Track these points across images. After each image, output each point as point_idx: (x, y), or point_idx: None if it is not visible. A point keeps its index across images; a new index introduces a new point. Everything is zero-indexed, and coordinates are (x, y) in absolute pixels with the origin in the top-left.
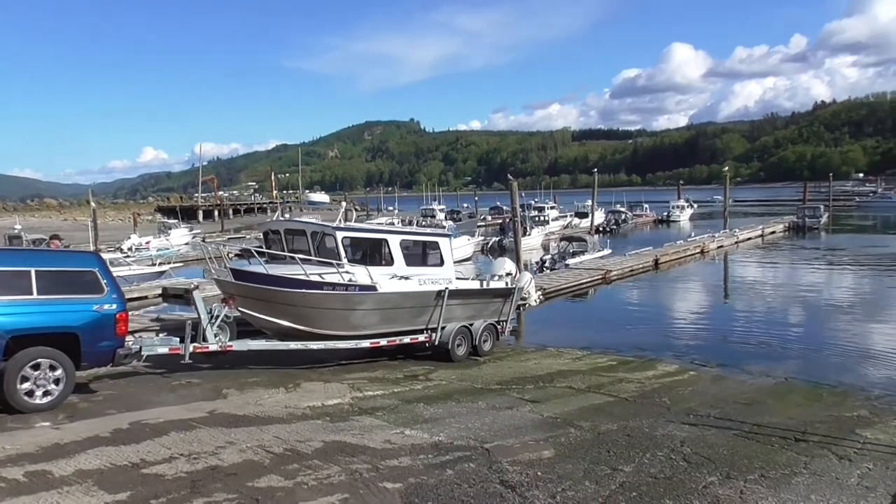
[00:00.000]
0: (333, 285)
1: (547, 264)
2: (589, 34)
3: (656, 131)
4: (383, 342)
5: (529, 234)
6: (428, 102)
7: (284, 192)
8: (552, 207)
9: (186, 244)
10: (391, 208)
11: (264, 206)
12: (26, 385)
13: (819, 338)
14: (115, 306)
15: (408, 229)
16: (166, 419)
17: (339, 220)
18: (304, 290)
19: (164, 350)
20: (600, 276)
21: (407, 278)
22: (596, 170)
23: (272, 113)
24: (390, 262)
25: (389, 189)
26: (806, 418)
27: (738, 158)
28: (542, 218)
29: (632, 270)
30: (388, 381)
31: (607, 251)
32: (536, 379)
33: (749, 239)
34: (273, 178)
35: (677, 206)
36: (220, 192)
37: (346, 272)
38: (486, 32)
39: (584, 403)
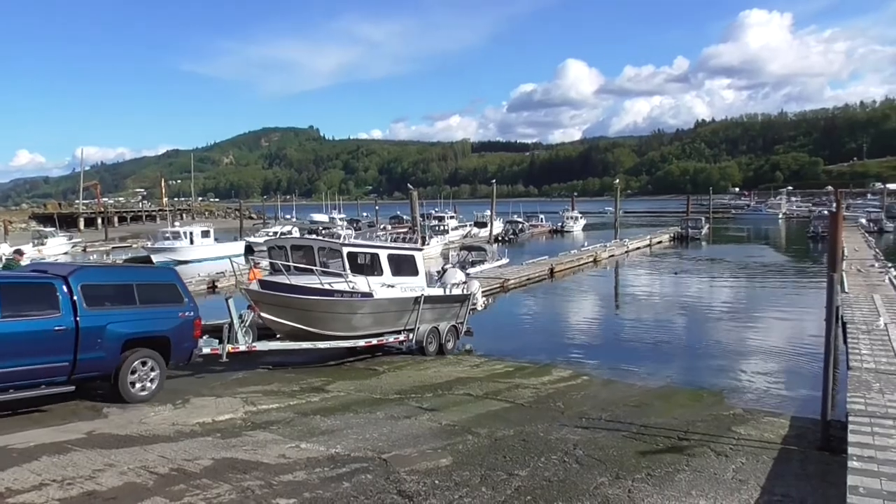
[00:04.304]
0: (342, 292)
1: None
2: (488, 48)
3: (552, 144)
4: (374, 341)
5: (428, 244)
6: (328, 110)
7: (175, 199)
8: (452, 217)
9: (65, 254)
10: (288, 216)
11: (153, 213)
12: (133, 380)
13: (701, 342)
14: (192, 313)
15: (392, 244)
16: (37, 443)
17: (344, 237)
18: (319, 297)
19: (207, 350)
20: (499, 285)
21: (392, 286)
22: (495, 181)
23: (163, 117)
24: (381, 272)
25: (288, 197)
26: (688, 418)
27: (628, 172)
28: (441, 227)
29: (528, 279)
30: (283, 394)
31: (505, 260)
32: (435, 387)
33: (638, 249)
34: (163, 184)
35: (571, 217)
36: (104, 199)
37: (351, 281)
38: (388, 42)
39: (482, 410)
